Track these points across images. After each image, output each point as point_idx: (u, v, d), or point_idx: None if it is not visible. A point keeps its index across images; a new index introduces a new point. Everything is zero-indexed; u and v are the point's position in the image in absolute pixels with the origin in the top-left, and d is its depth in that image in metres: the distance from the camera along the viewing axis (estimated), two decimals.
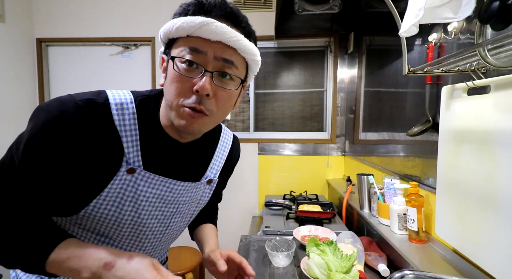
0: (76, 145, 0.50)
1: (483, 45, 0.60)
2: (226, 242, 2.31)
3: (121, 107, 0.55)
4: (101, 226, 0.59)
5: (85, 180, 0.53)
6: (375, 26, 1.69)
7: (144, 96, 0.59)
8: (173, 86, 0.51)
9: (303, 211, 1.53)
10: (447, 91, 0.83)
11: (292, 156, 2.33)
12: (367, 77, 1.82)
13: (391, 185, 1.15)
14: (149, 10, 2.29)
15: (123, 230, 0.60)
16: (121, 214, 0.58)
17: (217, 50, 0.50)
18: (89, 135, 0.51)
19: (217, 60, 0.51)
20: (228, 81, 0.54)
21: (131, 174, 0.56)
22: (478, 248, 0.69)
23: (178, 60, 0.51)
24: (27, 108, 2.25)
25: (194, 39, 0.50)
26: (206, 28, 0.48)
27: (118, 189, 0.56)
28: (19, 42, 2.20)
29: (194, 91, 0.50)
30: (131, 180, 0.57)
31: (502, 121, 0.63)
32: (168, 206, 0.64)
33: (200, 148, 0.67)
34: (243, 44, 0.52)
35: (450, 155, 0.81)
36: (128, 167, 0.56)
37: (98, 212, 0.56)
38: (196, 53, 0.50)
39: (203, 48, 0.50)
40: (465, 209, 0.74)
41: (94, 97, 0.53)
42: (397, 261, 0.96)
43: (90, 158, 0.52)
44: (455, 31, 0.88)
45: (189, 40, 0.50)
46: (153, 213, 0.62)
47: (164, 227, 0.66)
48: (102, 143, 0.53)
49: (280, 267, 1.03)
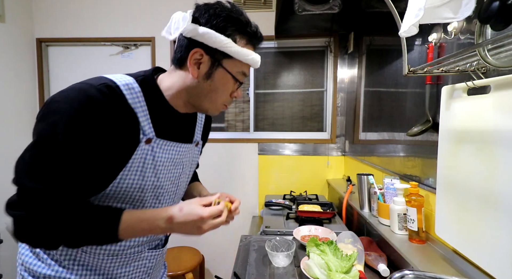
0: (104, 126, 0.57)
1: (483, 45, 0.60)
2: (226, 242, 2.31)
3: (128, 87, 0.62)
4: (125, 197, 0.67)
5: (112, 156, 0.61)
6: (375, 26, 1.69)
7: (142, 76, 0.68)
8: (224, 92, 0.70)
9: (303, 211, 1.53)
10: (447, 91, 0.83)
11: (292, 156, 2.33)
12: (367, 77, 1.82)
13: (391, 185, 1.15)
14: (149, 10, 2.29)
15: (146, 195, 0.69)
16: (144, 181, 0.67)
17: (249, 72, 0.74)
18: (112, 115, 0.59)
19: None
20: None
21: (148, 144, 0.66)
22: (478, 248, 0.69)
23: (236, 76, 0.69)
24: (27, 108, 2.25)
25: (247, 66, 0.70)
26: (258, 64, 0.70)
27: (139, 159, 0.65)
28: (19, 42, 2.20)
29: (232, 96, 0.72)
30: (149, 149, 0.66)
31: (502, 121, 0.63)
32: (177, 167, 0.76)
33: (190, 115, 0.80)
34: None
35: (450, 155, 0.81)
36: (145, 138, 0.65)
37: (124, 183, 0.64)
38: (244, 76, 0.71)
39: (248, 73, 0.72)
40: (465, 209, 0.74)
41: (106, 81, 0.60)
42: (397, 261, 0.96)
43: (115, 136, 0.60)
44: (455, 31, 0.88)
45: (245, 66, 0.70)
46: (167, 176, 0.73)
47: (175, 187, 0.77)
48: (122, 120, 0.61)
49: (280, 267, 1.03)
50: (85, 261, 0.69)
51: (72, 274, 0.68)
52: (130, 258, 0.72)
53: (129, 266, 0.73)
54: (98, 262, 0.69)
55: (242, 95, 2.37)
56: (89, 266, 0.69)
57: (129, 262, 0.72)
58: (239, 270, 1.03)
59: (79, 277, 0.68)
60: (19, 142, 2.15)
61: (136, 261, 0.74)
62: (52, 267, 0.68)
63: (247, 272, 1.01)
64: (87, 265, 0.69)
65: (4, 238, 1.96)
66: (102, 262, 0.69)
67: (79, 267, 0.69)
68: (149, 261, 0.77)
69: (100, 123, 0.56)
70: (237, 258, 1.12)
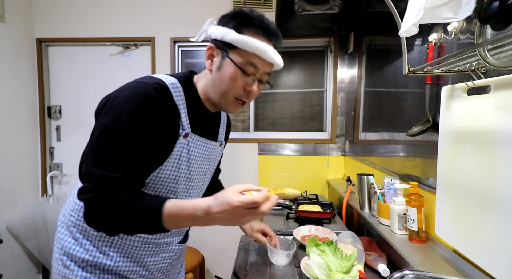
0: (158, 120, 0.66)
1: (483, 45, 0.60)
2: (226, 242, 2.31)
3: (173, 87, 0.71)
4: (161, 188, 0.73)
5: (160, 147, 0.69)
6: (375, 26, 1.69)
7: (184, 77, 0.76)
8: (231, 83, 0.70)
9: (303, 211, 1.53)
10: (447, 91, 0.83)
11: (292, 156, 2.33)
12: (367, 77, 1.82)
13: (391, 185, 1.15)
14: (149, 10, 2.29)
15: (179, 187, 0.76)
16: (179, 173, 0.74)
17: (266, 68, 0.72)
18: (163, 111, 0.67)
19: (263, 73, 0.73)
20: (263, 84, 0.76)
21: (185, 138, 0.73)
22: (478, 248, 0.69)
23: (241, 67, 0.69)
24: (27, 108, 2.25)
25: (255, 57, 0.69)
26: (268, 54, 0.69)
27: (177, 152, 0.72)
28: (19, 42, 2.19)
29: (246, 90, 0.72)
30: (185, 143, 0.73)
31: (502, 121, 0.63)
32: (205, 163, 0.83)
33: (217, 115, 0.88)
34: (280, 65, 0.74)
35: (450, 155, 0.81)
36: (183, 132, 0.72)
37: (163, 174, 0.71)
38: (253, 67, 0.70)
39: (259, 66, 0.71)
40: (465, 209, 0.74)
41: (158, 81, 0.68)
42: (397, 261, 0.96)
43: (164, 129, 0.68)
44: (455, 31, 0.88)
45: (252, 57, 0.69)
46: (197, 170, 0.80)
47: (202, 181, 0.84)
48: (169, 115, 0.69)
49: (279, 267, 1.03)
50: (121, 248, 0.75)
51: (108, 260, 0.74)
52: (160, 248, 0.79)
53: (158, 256, 0.80)
54: (132, 249, 0.75)
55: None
56: (124, 253, 0.75)
57: (158, 252, 0.79)
58: (239, 270, 1.03)
59: (113, 263, 0.74)
60: (19, 142, 2.15)
61: (165, 252, 0.81)
62: (91, 252, 0.73)
63: (247, 272, 1.01)
64: (122, 251, 0.75)
65: (4, 238, 1.96)
66: (136, 249, 0.76)
67: (114, 254, 0.74)
68: (175, 254, 0.84)
69: (156, 117, 0.65)
70: (237, 258, 1.12)
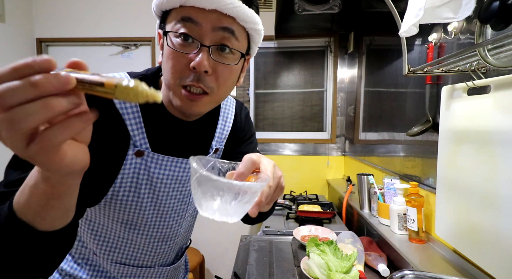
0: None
1: (483, 45, 0.60)
2: (226, 242, 2.31)
3: None
4: (123, 213, 0.58)
5: (98, 168, 0.49)
6: (375, 26, 1.69)
7: (142, 76, 0.58)
8: (168, 63, 0.48)
9: (303, 211, 1.53)
10: (447, 91, 0.83)
11: (292, 156, 2.33)
12: (367, 77, 1.82)
13: (391, 185, 1.15)
14: (149, 10, 2.28)
15: (146, 213, 0.60)
16: (140, 198, 0.58)
17: (213, 20, 0.46)
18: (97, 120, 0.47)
19: (215, 31, 0.47)
20: (228, 55, 0.49)
21: (140, 157, 0.55)
22: (478, 248, 0.69)
23: (172, 35, 0.47)
24: None
25: (188, 9, 0.46)
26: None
27: (131, 174, 0.55)
28: (19, 42, 2.20)
29: (191, 68, 0.47)
30: (141, 164, 0.55)
31: (502, 121, 0.63)
32: (185, 185, 0.63)
33: (204, 123, 0.64)
34: (242, 11, 0.47)
35: (450, 155, 0.81)
36: (135, 150, 0.54)
37: (118, 199, 0.56)
38: (190, 24, 0.46)
39: (197, 19, 0.46)
40: (465, 209, 0.74)
41: None
42: (397, 261, 0.96)
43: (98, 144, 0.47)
44: (455, 31, 0.88)
45: (182, 11, 0.46)
46: (171, 194, 0.61)
47: (185, 205, 0.66)
48: (107, 127, 0.51)
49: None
50: (96, 263, 0.67)
51: (84, 273, 0.67)
52: (138, 270, 0.68)
53: (138, 276, 0.69)
54: (107, 266, 0.66)
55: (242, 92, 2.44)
56: (100, 268, 0.67)
57: (137, 273, 0.68)
58: (239, 270, 1.03)
59: (89, 277, 0.66)
60: None
61: (146, 273, 0.69)
62: (69, 262, 0.67)
63: (247, 272, 1.01)
64: (98, 267, 0.67)
65: None
66: (110, 266, 0.66)
67: (90, 268, 0.67)
68: (160, 275, 0.72)
69: None
70: (237, 258, 1.12)
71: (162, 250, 0.69)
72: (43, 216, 0.34)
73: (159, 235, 0.66)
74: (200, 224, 1.75)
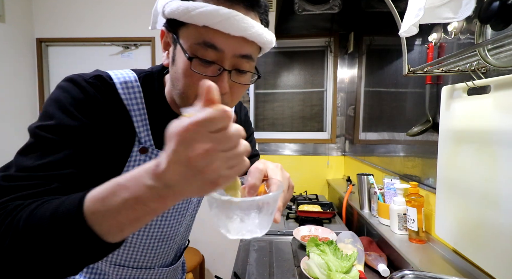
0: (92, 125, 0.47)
1: (483, 45, 0.60)
2: (226, 242, 2.31)
3: (126, 85, 0.53)
4: None
5: (105, 164, 0.49)
6: (375, 26, 1.69)
7: (147, 73, 0.57)
8: (186, 79, 0.47)
9: (303, 211, 1.52)
10: (447, 91, 0.83)
11: (292, 156, 2.33)
12: (367, 77, 1.82)
13: (391, 185, 1.15)
14: (149, 10, 2.26)
15: None
16: None
17: (236, 46, 0.45)
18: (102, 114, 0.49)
19: (236, 57, 0.46)
20: (244, 76, 0.50)
21: (144, 154, 0.55)
22: (478, 248, 0.69)
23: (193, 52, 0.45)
24: (27, 108, 2.25)
25: (212, 32, 0.43)
26: (228, 22, 0.42)
27: None
28: (19, 42, 2.19)
29: None
30: (145, 161, 0.55)
31: (502, 121, 0.63)
32: None
33: None
34: (265, 38, 0.47)
35: (450, 155, 0.81)
36: (140, 146, 0.54)
37: None
38: (212, 50, 0.44)
39: (221, 46, 0.44)
40: (465, 209, 0.74)
41: (101, 73, 0.52)
42: (397, 261, 0.96)
43: (105, 139, 0.49)
44: (455, 31, 0.88)
45: (205, 32, 0.43)
46: None
47: (186, 203, 0.66)
48: (114, 122, 0.51)
49: (281, 269, 1.03)
50: (94, 266, 0.66)
51: (81, 276, 0.66)
52: (137, 272, 0.67)
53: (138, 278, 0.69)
54: (105, 268, 0.65)
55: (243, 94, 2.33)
56: (98, 270, 0.67)
57: (136, 275, 0.68)
58: (239, 270, 1.02)
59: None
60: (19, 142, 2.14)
61: (145, 275, 0.69)
62: None
63: (247, 272, 1.01)
64: (96, 269, 0.67)
65: None
66: (109, 269, 0.65)
67: (88, 271, 0.67)
68: (160, 276, 0.72)
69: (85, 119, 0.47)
70: (237, 258, 1.12)
71: (162, 250, 0.69)
72: (123, 229, 0.32)
73: (160, 234, 0.66)
74: (200, 224, 1.75)
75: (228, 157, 0.29)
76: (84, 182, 0.43)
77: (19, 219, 0.33)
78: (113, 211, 0.31)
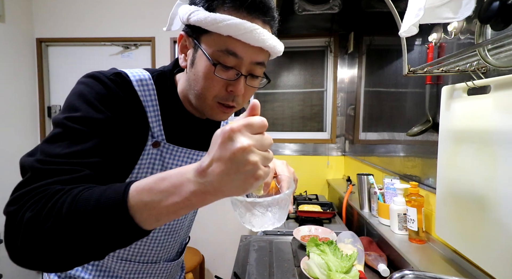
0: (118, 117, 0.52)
1: (483, 45, 0.60)
2: (226, 242, 2.31)
3: (141, 83, 0.57)
4: None
5: (121, 155, 0.53)
6: (375, 26, 1.69)
7: (160, 72, 0.61)
8: (206, 82, 0.53)
9: (303, 211, 1.52)
10: (447, 91, 0.83)
11: (292, 156, 2.33)
12: (367, 77, 1.82)
13: (391, 185, 1.15)
14: (149, 10, 2.29)
15: None
16: None
17: (253, 55, 0.52)
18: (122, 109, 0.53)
19: (252, 64, 0.53)
20: (256, 79, 0.57)
21: (156, 148, 0.59)
22: (478, 248, 0.69)
23: (216, 58, 0.51)
24: (27, 108, 2.25)
25: (234, 41, 0.49)
26: (250, 34, 0.48)
27: (147, 164, 0.59)
28: (19, 42, 2.19)
29: (229, 91, 0.54)
30: (157, 154, 0.60)
31: (502, 121, 0.63)
32: None
33: (211, 122, 0.68)
34: (278, 49, 0.56)
35: (450, 155, 0.81)
36: (153, 140, 0.59)
37: None
38: (233, 57, 0.51)
39: (241, 54, 0.51)
40: (465, 209, 0.74)
41: (120, 71, 0.56)
42: (397, 261, 0.96)
43: (124, 132, 0.54)
44: (455, 31, 0.88)
45: (228, 41, 0.50)
46: None
47: None
48: (132, 117, 0.55)
49: (282, 265, 1.03)
50: (99, 262, 0.67)
51: (85, 273, 0.67)
52: (143, 266, 0.69)
53: (143, 273, 0.70)
54: (111, 264, 0.67)
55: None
56: (103, 267, 0.68)
57: (140, 271, 0.69)
58: (239, 270, 1.03)
59: (91, 277, 0.67)
60: (19, 142, 2.15)
61: (151, 270, 0.71)
62: None
63: (247, 272, 1.01)
64: (101, 266, 0.68)
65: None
66: (115, 264, 0.67)
67: (93, 267, 0.68)
68: (165, 271, 0.74)
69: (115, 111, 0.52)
70: (237, 258, 1.12)
71: (168, 243, 0.71)
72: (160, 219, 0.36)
73: (166, 228, 0.68)
74: (200, 224, 1.75)
75: (264, 156, 0.34)
76: (108, 171, 0.47)
77: (62, 203, 0.36)
78: (156, 201, 0.34)
